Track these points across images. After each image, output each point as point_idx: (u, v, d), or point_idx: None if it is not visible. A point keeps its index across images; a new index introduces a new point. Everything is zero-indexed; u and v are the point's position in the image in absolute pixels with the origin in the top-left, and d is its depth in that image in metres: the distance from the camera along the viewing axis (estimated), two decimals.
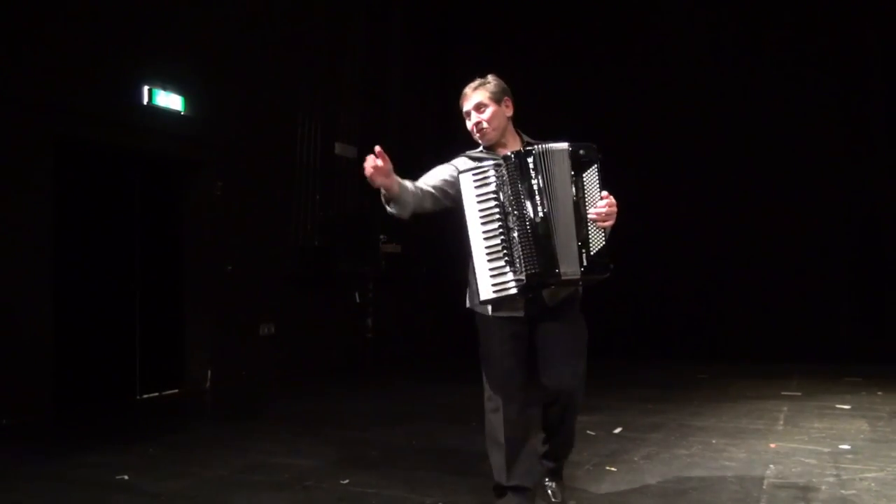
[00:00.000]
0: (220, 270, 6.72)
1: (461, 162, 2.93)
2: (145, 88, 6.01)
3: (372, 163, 2.62)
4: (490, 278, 2.70)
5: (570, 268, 2.71)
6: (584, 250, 2.72)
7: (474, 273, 2.74)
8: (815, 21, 8.24)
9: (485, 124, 2.89)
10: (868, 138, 8.11)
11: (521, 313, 2.83)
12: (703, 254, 8.54)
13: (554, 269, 2.70)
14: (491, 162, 2.78)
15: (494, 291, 2.71)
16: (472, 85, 2.95)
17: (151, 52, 6.06)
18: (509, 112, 2.94)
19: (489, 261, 2.71)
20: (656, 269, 7.92)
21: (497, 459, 2.86)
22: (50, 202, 5.35)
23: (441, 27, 10.12)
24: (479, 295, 2.74)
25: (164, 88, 6.16)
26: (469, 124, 2.95)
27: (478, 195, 2.74)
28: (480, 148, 2.99)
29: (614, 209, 2.75)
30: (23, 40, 5.12)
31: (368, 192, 3.79)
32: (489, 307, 2.83)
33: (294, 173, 7.55)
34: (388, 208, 2.76)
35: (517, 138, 2.98)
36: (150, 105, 6.04)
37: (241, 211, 6.90)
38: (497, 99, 2.91)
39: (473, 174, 2.76)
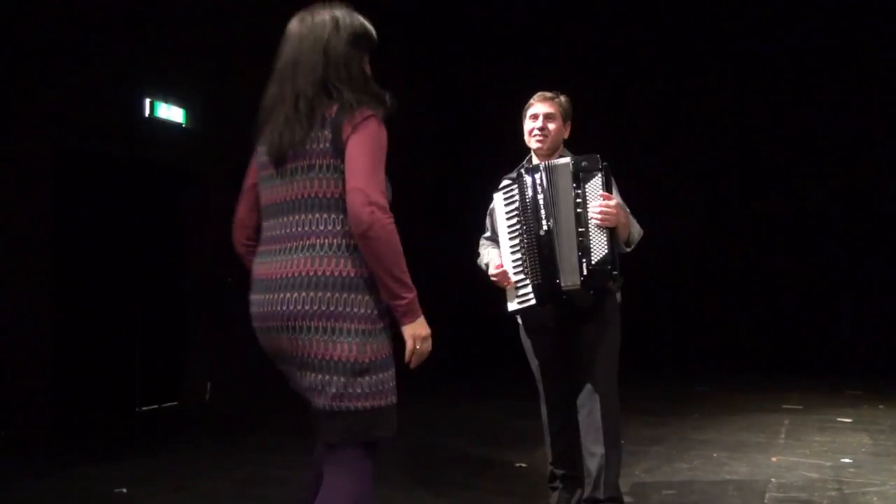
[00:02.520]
0: (221, 282, 6.71)
1: (502, 184, 3.06)
2: (147, 101, 6.03)
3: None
4: (515, 290, 2.88)
5: (569, 279, 2.78)
6: (584, 260, 2.76)
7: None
8: (812, 22, 8.25)
9: (548, 131, 2.99)
10: (868, 151, 8.12)
11: (552, 324, 2.95)
12: (702, 266, 8.54)
13: (555, 279, 2.79)
14: (513, 178, 2.95)
15: (518, 303, 2.87)
16: (546, 94, 3.05)
17: (153, 64, 6.09)
18: (566, 134, 3.08)
19: (514, 274, 2.88)
20: (655, 282, 7.90)
21: (547, 451, 3.13)
22: (51, 214, 5.36)
23: (441, 38, 10.17)
24: (507, 307, 2.92)
25: (166, 101, 6.18)
26: (529, 126, 3.03)
27: (507, 212, 2.95)
28: (524, 162, 3.09)
29: (610, 209, 2.74)
30: (25, 51, 5.15)
31: None
32: (519, 318, 3.03)
33: None
34: None
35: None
36: (152, 117, 6.06)
37: None
38: (564, 117, 3.04)
39: (504, 193, 2.97)
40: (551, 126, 2.99)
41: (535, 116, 3.02)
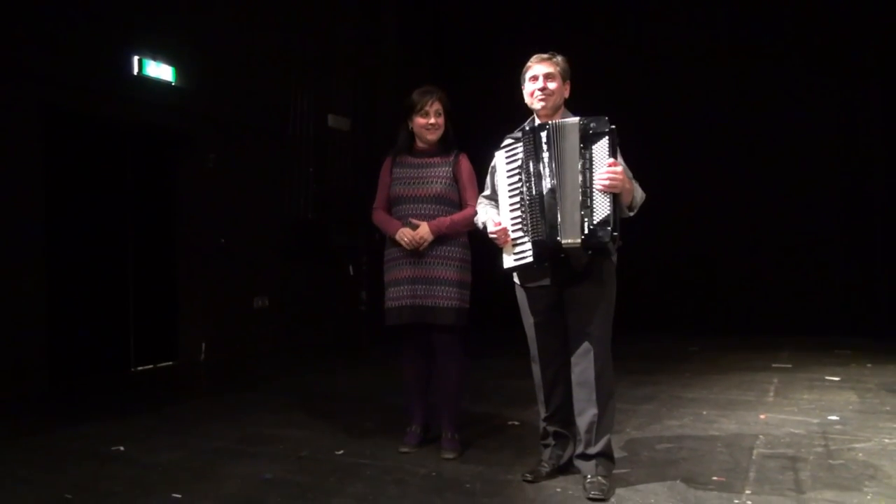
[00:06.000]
0: (214, 243, 6.70)
1: (504, 143, 3.06)
2: (135, 58, 5.93)
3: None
4: (512, 247, 2.93)
5: (570, 236, 2.81)
6: (586, 219, 2.78)
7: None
8: (812, 15, 8.14)
9: (549, 90, 3.01)
10: (859, 112, 8.07)
11: (547, 282, 2.98)
12: (693, 226, 8.54)
13: (555, 236, 2.83)
14: (519, 135, 2.96)
15: (515, 260, 2.92)
16: (542, 56, 3.07)
17: (142, 21, 5.97)
18: (566, 94, 3.10)
19: (512, 231, 2.93)
20: (646, 243, 7.90)
21: (540, 408, 3.19)
22: (40, 174, 5.30)
23: (435, 7, 9.98)
24: (502, 264, 2.96)
25: (155, 59, 6.08)
26: (530, 88, 3.05)
27: (508, 170, 2.97)
28: (527, 122, 3.09)
29: (617, 175, 2.76)
30: (10, 9, 5.04)
31: (362, 164, 3.79)
32: (515, 277, 3.08)
33: (287, 145, 7.50)
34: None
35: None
36: (140, 75, 5.97)
37: (234, 183, 6.86)
38: (563, 77, 3.07)
39: (506, 151, 2.99)
40: (552, 86, 3.01)
41: (535, 78, 3.04)
